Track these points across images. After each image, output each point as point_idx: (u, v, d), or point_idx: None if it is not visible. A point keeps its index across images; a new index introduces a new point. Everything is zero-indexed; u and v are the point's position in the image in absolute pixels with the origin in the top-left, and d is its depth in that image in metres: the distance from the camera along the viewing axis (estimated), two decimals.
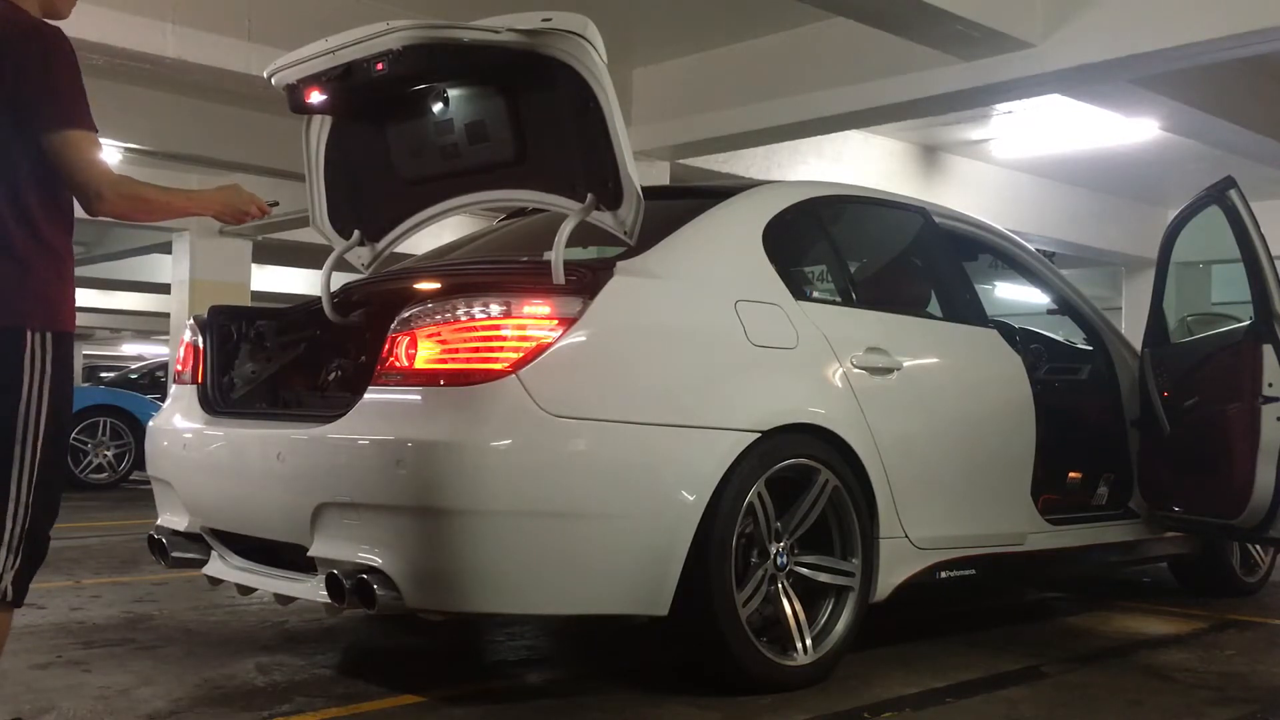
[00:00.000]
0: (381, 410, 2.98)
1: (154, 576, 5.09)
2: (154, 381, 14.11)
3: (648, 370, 3.12)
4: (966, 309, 4.19)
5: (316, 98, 3.34)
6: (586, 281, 3.06)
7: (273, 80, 3.41)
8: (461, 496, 2.81)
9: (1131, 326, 10.74)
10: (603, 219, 3.19)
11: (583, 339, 2.99)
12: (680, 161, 8.51)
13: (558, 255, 3.03)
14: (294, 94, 3.38)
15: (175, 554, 3.55)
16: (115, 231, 14.76)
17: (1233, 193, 4.31)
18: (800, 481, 3.36)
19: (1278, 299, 4.22)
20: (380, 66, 3.10)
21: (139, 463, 9.88)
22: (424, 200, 3.74)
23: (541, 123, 3.27)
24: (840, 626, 3.39)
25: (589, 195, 3.16)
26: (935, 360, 3.98)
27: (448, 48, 3.06)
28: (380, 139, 3.64)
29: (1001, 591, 5.17)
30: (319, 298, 3.81)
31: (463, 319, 2.95)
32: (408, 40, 3.03)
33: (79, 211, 2.45)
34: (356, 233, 3.84)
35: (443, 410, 2.88)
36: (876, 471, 3.52)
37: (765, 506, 3.24)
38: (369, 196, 3.81)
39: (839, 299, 3.83)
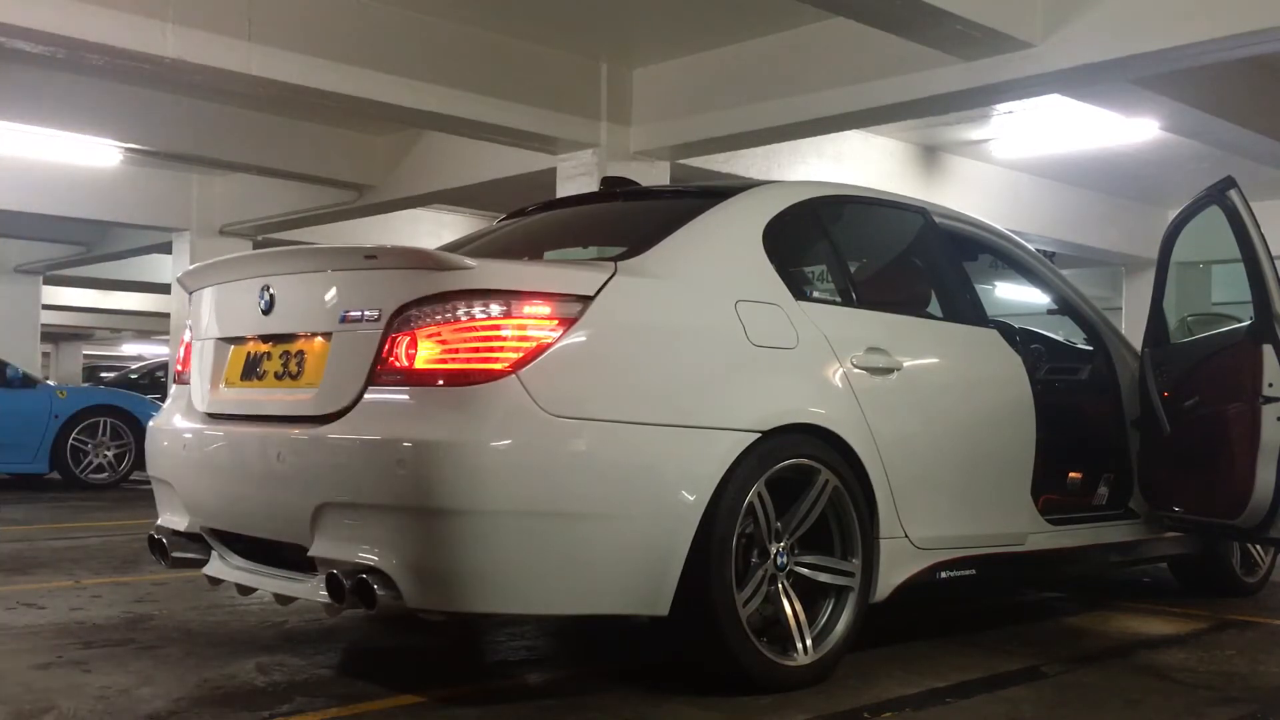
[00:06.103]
0: (381, 410, 2.97)
1: (154, 576, 5.09)
2: (154, 381, 14.12)
3: (648, 370, 3.12)
4: (967, 309, 4.19)
5: None
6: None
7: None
8: (461, 496, 2.81)
9: (1131, 326, 10.76)
10: None
11: (583, 339, 2.99)
12: (680, 161, 8.50)
13: None
14: None
15: (175, 554, 3.55)
16: (115, 232, 14.74)
17: (1233, 193, 4.30)
18: (800, 481, 3.36)
19: (1278, 299, 4.22)
20: None
21: (139, 463, 9.88)
22: None
23: None
24: (840, 626, 3.38)
25: None
26: (935, 360, 3.98)
27: None
28: None
29: (1001, 591, 5.17)
30: None
31: (463, 319, 2.94)
32: None
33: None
34: None
35: (443, 410, 2.88)
36: (876, 471, 3.52)
37: (765, 506, 3.24)
38: None
39: (839, 299, 3.82)
